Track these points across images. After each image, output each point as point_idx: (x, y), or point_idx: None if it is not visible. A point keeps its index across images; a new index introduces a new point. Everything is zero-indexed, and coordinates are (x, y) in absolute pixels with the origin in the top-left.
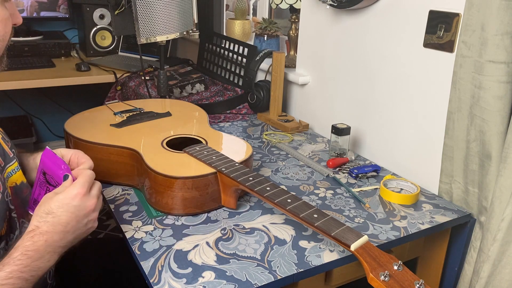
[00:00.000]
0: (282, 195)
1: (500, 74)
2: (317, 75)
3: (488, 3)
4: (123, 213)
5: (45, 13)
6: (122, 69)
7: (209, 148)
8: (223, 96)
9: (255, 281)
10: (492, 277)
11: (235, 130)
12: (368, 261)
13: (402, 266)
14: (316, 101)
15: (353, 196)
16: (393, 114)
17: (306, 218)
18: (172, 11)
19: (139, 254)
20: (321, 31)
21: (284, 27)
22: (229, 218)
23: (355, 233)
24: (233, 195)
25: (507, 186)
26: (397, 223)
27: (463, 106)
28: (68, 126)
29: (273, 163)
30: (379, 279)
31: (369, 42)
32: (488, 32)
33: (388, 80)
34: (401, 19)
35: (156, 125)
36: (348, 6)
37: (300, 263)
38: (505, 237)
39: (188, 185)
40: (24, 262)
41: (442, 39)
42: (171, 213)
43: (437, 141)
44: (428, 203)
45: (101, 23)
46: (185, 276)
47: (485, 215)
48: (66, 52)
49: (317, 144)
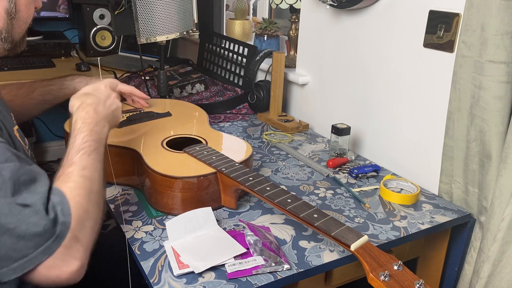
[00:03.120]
0: (282, 195)
1: (500, 74)
2: (317, 75)
3: (488, 3)
4: (123, 213)
5: (45, 13)
6: (122, 69)
7: (209, 148)
8: (223, 96)
9: (255, 281)
10: (492, 277)
11: (235, 130)
12: (368, 261)
13: (402, 266)
14: (316, 101)
15: (353, 196)
16: (393, 114)
17: (306, 218)
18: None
19: (139, 254)
20: (321, 31)
21: (284, 27)
22: (229, 218)
23: (355, 233)
24: (233, 195)
25: (507, 186)
26: (397, 223)
27: (463, 106)
28: (68, 126)
29: (273, 163)
30: (379, 279)
31: (369, 42)
32: (488, 32)
33: (388, 80)
34: (401, 19)
35: (156, 125)
36: (348, 6)
37: (300, 263)
38: (505, 237)
39: (188, 185)
40: (87, 128)
41: (442, 39)
42: (171, 213)
43: (437, 141)
44: (428, 203)
45: (101, 23)
46: (185, 276)
47: (485, 215)
48: (66, 52)
49: (317, 144)
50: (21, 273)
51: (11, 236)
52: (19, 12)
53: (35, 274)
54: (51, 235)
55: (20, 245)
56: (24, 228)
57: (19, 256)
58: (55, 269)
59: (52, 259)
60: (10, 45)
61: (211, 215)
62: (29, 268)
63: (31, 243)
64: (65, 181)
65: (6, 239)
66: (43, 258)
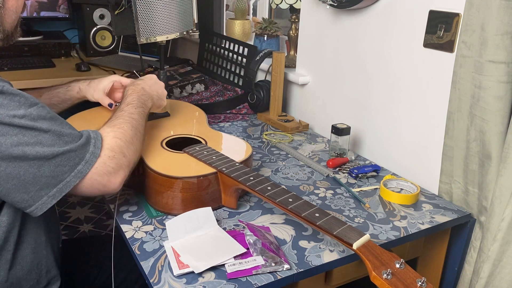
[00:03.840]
0: (283, 195)
1: (500, 74)
2: (317, 75)
3: (488, 3)
4: (123, 213)
5: (45, 13)
6: (122, 69)
7: (209, 148)
8: (223, 96)
9: (255, 281)
10: (492, 277)
11: (235, 130)
12: (370, 259)
13: (404, 264)
14: (316, 101)
15: (353, 196)
16: (393, 114)
17: (308, 217)
18: (172, 11)
19: (139, 254)
20: (321, 31)
21: (284, 27)
22: (229, 218)
23: (357, 231)
24: (233, 195)
25: (507, 186)
26: (397, 223)
27: (463, 106)
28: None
29: (273, 163)
30: (382, 277)
31: (369, 42)
32: (488, 32)
33: (388, 80)
34: (401, 19)
35: (155, 125)
36: (348, 6)
37: (300, 263)
38: (505, 237)
39: (188, 185)
40: (136, 94)
41: (442, 39)
42: (171, 213)
43: (437, 141)
44: (428, 203)
45: (101, 23)
46: (185, 276)
47: (485, 215)
48: (66, 52)
49: (317, 144)
50: (60, 197)
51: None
52: (7, 2)
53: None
54: (81, 159)
55: (58, 170)
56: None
57: (56, 181)
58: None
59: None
60: (2, 35)
61: (211, 215)
62: (66, 192)
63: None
64: (112, 124)
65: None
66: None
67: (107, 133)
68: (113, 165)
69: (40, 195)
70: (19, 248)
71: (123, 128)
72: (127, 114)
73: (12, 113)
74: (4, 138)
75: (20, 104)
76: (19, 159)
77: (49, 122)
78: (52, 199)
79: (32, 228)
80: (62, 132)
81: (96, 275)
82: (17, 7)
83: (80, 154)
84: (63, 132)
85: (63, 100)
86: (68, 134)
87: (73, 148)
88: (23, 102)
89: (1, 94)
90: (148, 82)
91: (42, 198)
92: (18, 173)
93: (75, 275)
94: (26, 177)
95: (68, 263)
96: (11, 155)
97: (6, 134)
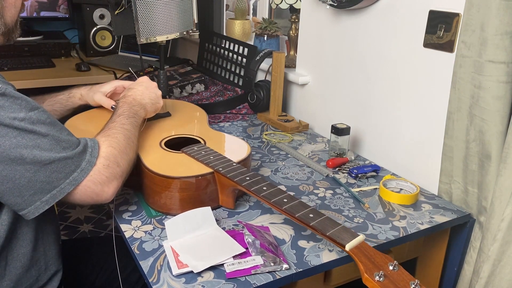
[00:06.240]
0: (279, 195)
1: (499, 74)
2: (317, 75)
3: (488, 3)
4: (123, 212)
5: (45, 13)
6: (122, 69)
7: (207, 148)
8: (223, 96)
9: (254, 280)
10: (492, 277)
11: (235, 130)
12: (363, 261)
13: (397, 266)
14: (316, 101)
15: (352, 196)
16: (393, 114)
17: (301, 218)
18: (172, 11)
19: (138, 253)
20: (321, 31)
21: (284, 27)
22: (228, 218)
23: (351, 232)
24: (230, 195)
25: (507, 186)
26: (397, 223)
27: (462, 106)
28: (68, 127)
29: (273, 163)
30: (374, 280)
31: (369, 42)
32: (488, 32)
33: (388, 80)
34: (401, 19)
35: (155, 125)
36: (348, 6)
37: (299, 262)
38: (505, 237)
39: (186, 185)
40: (127, 105)
41: (442, 39)
42: (169, 213)
43: (437, 141)
44: (427, 203)
45: (101, 23)
46: (184, 275)
47: (485, 215)
48: (66, 52)
49: (316, 144)
50: (53, 202)
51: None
52: None
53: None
54: (77, 167)
55: (53, 176)
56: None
57: (50, 187)
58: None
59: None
60: (3, 28)
61: (210, 215)
62: (59, 198)
63: (61, 174)
64: (106, 134)
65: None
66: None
67: (102, 142)
68: (108, 174)
69: (33, 199)
70: (19, 245)
71: (117, 138)
72: (119, 124)
73: (13, 115)
74: (3, 139)
75: (21, 107)
76: (16, 162)
77: (48, 127)
78: (45, 204)
79: (31, 225)
80: (60, 137)
81: (96, 275)
82: (16, 1)
83: (76, 161)
84: (61, 138)
85: (65, 106)
86: (66, 140)
87: (70, 155)
88: (24, 106)
89: (4, 96)
90: (139, 90)
91: (35, 203)
92: (13, 176)
93: (76, 275)
94: (21, 181)
95: (68, 263)
96: (8, 157)
97: (5, 136)
